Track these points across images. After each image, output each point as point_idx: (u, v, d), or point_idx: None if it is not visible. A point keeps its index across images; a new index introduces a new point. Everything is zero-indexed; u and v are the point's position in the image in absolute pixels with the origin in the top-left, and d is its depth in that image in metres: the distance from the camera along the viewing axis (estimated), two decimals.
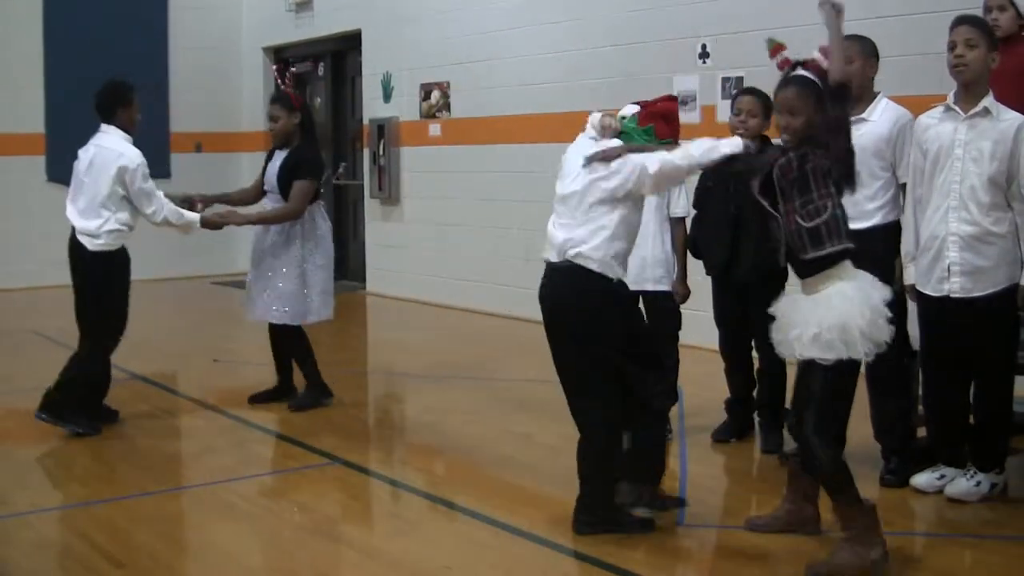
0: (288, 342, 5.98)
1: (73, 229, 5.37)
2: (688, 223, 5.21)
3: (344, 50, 11.45)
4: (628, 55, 8.02)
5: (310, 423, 5.70)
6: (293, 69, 6.79)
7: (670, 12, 7.69)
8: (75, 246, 5.37)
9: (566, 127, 8.36)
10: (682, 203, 5.16)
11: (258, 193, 6.03)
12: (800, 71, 3.69)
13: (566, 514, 4.18)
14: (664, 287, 5.11)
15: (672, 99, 4.15)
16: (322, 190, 6.03)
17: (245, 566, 3.89)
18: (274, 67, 7.73)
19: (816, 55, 3.68)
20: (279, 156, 5.85)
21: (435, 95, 9.88)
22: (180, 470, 5.04)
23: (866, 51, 4.52)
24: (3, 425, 5.87)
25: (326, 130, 11.94)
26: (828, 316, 3.55)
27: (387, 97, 10.50)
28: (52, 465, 5.24)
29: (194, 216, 5.63)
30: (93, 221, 5.29)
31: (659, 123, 4.00)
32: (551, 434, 5.43)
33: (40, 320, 9.17)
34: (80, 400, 5.47)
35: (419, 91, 10.06)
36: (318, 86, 12.05)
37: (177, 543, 4.15)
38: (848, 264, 3.63)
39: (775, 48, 3.78)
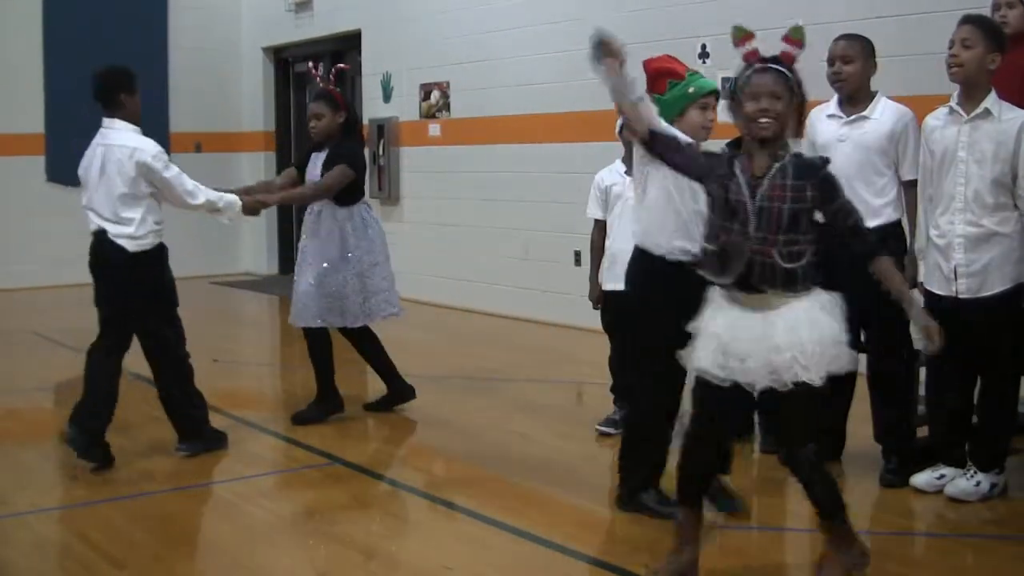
0: (363, 344, 5.81)
1: (100, 234, 4.95)
2: None
3: (344, 50, 11.44)
4: (628, 55, 8.00)
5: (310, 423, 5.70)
6: (341, 65, 6.57)
7: (670, 12, 7.69)
8: (108, 251, 4.93)
9: (566, 127, 8.46)
10: None
11: (286, 189, 5.77)
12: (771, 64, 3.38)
13: (566, 513, 4.18)
14: None
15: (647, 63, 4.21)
16: (365, 192, 5.81)
17: (245, 566, 3.88)
18: (310, 65, 7.52)
19: (785, 48, 3.39)
20: (318, 158, 5.65)
21: (435, 95, 9.88)
22: (180, 470, 5.03)
23: (866, 51, 4.52)
24: (3, 425, 5.87)
25: None
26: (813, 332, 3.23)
27: (387, 97, 10.50)
28: (52, 465, 5.24)
29: (234, 197, 5.16)
30: (127, 225, 4.90)
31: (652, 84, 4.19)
32: (551, 434, 5.43)
33: (40, 320, 9.18)
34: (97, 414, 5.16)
35: (419, 91, 10.05)
36: (318, 86, 12.04)
37: (177, 543, 4.15)
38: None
39: (743, 37, 3.54)
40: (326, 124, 5.62)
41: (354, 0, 10.83)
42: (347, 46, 11.25)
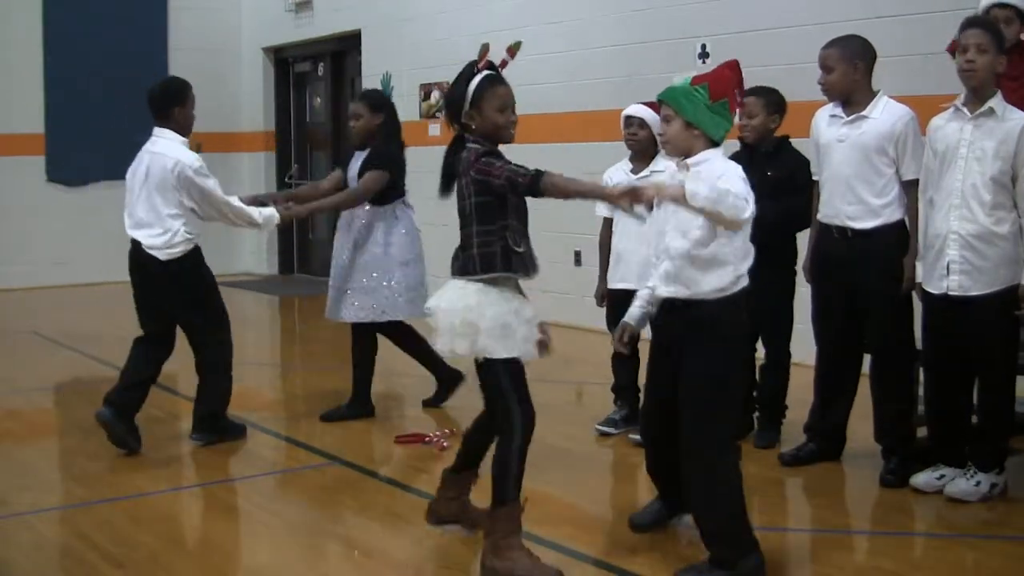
0: (360, 342, 5.83)
1: (136, 244, 5.08)
2: None
3: (344, 50, 11.45)
4: (628, 55, 8.02)
5: (310, 423, 5.71)
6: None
7: (670, 12, 7.69)
8: (144, 260, 5.06)
9: (566, 127, 8.46)
10: None
11: (332, 192, 5.80)
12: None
13: (564, 514, 4.18)
14: None
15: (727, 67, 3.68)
16: (406, 188, 5.90)
17: (245, 566, 3.89)
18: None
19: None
20: (359, 157, 5.74)
21: (435, 95, 9.88)
22: (180, 470, 5.04)
23: (849, 54, 4.46)
24: (3, 425, 5.87)
25: (326, 130, 11.95)
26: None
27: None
28: (52, 465, 5.24)
29: (273, 212, 5.26)
30: (161, 235, 5.00)
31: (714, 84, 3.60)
32: (550, 434, 5.41)
33: (40, 320, 9.18)
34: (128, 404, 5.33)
35: (419, 91, 10.05)
36: (318, 86, 12.05)
37: (177, 543, 4.14)
38: None
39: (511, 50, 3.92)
40: (363, 125, 5.69)
41: (354, 0, 10.84)
42: (347, 46, 11.26)
